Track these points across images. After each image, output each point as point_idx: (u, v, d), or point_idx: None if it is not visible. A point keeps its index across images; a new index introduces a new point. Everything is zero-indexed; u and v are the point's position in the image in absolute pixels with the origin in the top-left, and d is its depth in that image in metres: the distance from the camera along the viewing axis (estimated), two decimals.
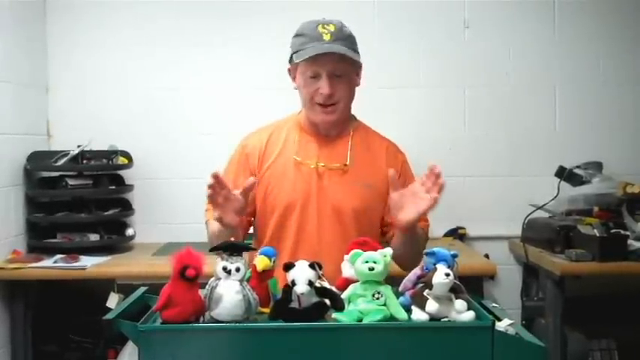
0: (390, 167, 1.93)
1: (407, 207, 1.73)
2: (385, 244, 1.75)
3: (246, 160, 2.00)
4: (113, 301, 2.73)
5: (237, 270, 1.33)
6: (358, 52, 1.92)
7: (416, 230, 1.84)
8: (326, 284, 1.38)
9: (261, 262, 1.45)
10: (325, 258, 1.48)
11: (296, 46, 1.90)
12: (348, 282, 1.45)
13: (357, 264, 1.39)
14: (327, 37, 1.85)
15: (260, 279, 1.45)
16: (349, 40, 1.89)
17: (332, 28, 1.87)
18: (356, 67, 1.96)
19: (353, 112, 2.05)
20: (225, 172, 2.04)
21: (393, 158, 2.01)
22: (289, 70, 1.99)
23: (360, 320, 1.34)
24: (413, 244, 1.83)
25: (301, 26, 1.92)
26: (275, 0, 3.32)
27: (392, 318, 1.34)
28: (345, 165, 1.95)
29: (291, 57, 1.94)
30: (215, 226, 1.82)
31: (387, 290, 1.37)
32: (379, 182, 1.95)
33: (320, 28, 1.86)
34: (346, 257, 1.50)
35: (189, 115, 3.38)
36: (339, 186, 1.94)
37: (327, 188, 1.94)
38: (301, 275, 1.32)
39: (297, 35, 1.92)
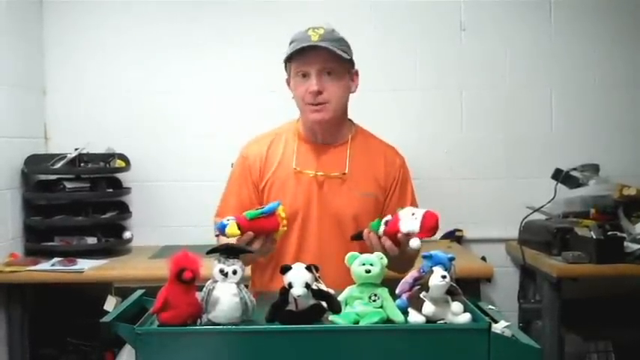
0: (388, 173, 1.99)
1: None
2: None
3: (248, 172, 2.00)
4: (110, 303, 2.73)
5: (234, 272, 1.33)
6: (350, 56, 1.92)
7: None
8: (323, 286, 1.38)
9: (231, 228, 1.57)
10: (327, 266, 1.48)
11: (288, 52, 1.91)
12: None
13: (353, 266, 1.39)
14: (314, 38, 1.86)
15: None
16: (339, 42, 1.89)
17: (321, 31, 1.88)
18: (349, 69, 1.95)
19: (351, 115, 2.05)
20: (228, 184, 2.06)
21: (390, 164, 2.02)
22: (287, 81, 2.00)
23: (357, 322, 1.34)
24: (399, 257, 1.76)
25: (294, 34, 1.93)
26: (272, 3, 3.33)
27: (389, 320, 1.35)
28: (344, 174, 1.95)
29: (286, 66, 1.96)
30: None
31: (383, 292, 1.38)
32: (377, 190, 1.98)
33: (310, 32, 1.88)
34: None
35: (187, 118, 3.38)
36: (339, 194, 1.95)
37: (327, 196, 1.95)
38: (298, 278, 1.32)
39: (290, 43, 1.93)
